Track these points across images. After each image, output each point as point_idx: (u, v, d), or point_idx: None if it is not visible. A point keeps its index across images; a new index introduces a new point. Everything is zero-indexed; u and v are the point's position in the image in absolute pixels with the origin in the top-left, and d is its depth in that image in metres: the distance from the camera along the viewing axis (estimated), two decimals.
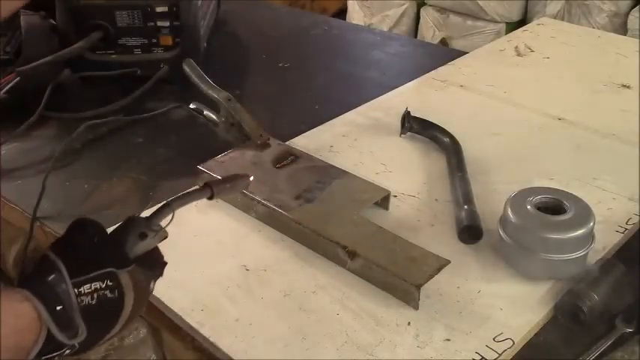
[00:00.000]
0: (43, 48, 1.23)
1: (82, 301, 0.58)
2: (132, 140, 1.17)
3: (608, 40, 1.62)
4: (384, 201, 0.94)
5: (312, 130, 1.16)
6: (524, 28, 1.69)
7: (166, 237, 0.67)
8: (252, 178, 0.75)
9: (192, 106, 1.13)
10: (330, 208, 0.89)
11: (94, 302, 0.59)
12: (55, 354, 0.58)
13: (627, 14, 2.80)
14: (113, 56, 1.31)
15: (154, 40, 1.30)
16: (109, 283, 0.60)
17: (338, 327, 0.75)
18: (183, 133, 1.19)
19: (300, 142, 1.11)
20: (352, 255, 0.82)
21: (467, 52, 1.53)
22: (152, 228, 0.65)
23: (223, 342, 0.73)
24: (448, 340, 0.73)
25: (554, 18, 2.79)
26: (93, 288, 0.59)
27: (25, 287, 0.57)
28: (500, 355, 0.71)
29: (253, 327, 0.75)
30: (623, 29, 2.79)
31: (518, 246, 0.82)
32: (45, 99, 1.21)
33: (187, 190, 0.71)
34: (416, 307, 0.77)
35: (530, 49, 1.50)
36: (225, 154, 1.01)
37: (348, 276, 0.82)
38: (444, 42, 3.21)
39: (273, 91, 1.40)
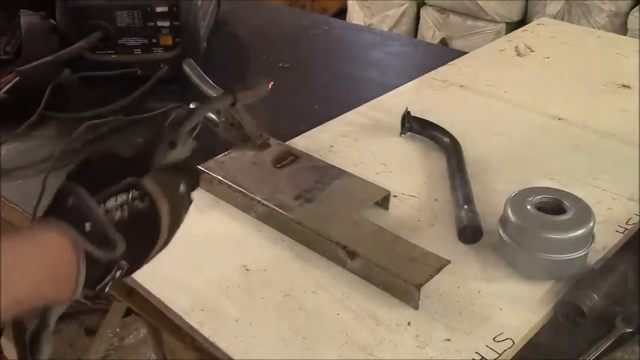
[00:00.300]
0: (43, 48, 1.23)
1: (113, 216, 0.55)
2: (132, 140, 1.17)
3: (608, 40, 1.62)
4: (384, 201, 0.94)
5: (312, 130, 1.16)
6: (524, 28, 1.69)
7: (196, 146, 0.65)
8: (272, 84, 0.74)
9: (192, 106, 1.13)
10: (330, 208, 0.89)
11: (126, 214, 0.56)
12: (107, 279, 0.55)
13: (627, 14, 2.80)
14: (113, 56, 1.31)
15: (154, 40, 1.30)
16: (135, 193, 0.57)
17: (338, 327, 0.75)
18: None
19: (300, 142, 1.11)
20: (352, 255, 0.82)
21: (467, 52, 1.53)
22: (180, 135, 0.63)
23: (223, 342, 0.73)
24: (448, 340, 0.73)
25: (554, 18, 2.79)
26: (119, 201, 0.56)
27: (46, 217, 0.55)
28: (500, 355, 0.71)
29: (253, 327, 0.75)
30: (623, 29, 2.79)
31: (518, 246, 0.82)
32: (45, 99, 1.21)
33: (211, 98, 0.69)
34: (416, 307, 0.77)
35: (530, 49, 1.50)
36: (225, 154, 1.01)
37: (348, 276, 0.82)
38: (444, 42, 3.22)
39: (273, 91, 1.39)
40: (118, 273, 0.57)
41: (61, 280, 0.53)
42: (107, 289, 0.56)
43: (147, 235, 0.59)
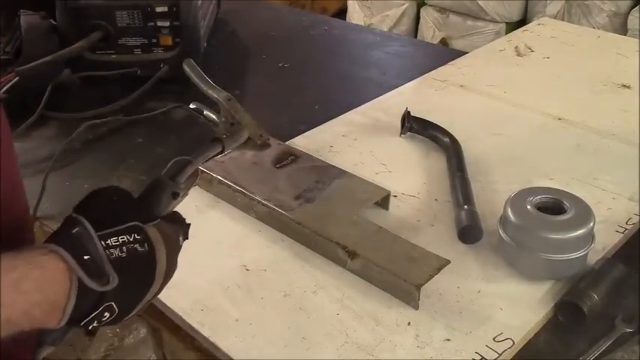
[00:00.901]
0: (43, 48, 1.23)
1: (112, 253, 0.56)
2: (132, 140, 1.17)
3: (608, 40, 1.62)
4: (384, 201, 0.94)
5: (312, 130, 1.16)
6: (524, 28, 1.69)
7: (187, 195, 0.68)
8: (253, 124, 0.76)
9: (192, 106, 1.13)
10: (330, 208, 0.89)
11: (124, 255, 0.57)
12: (93, 316, 0.56)
13: (627, 14, 2.80)
14: (113, 56, 1.31)
15: (154, 40, 1.30)
16: (137, 237, 0.58)
17: (338, 327, 0.75)
18: (183, 133, 1.19)
19: (300, 142, 1.11)
20: (352, 255, 0.82)
21: (467, 52, 1.53)
22: (180, 187, 0.66)
23: (223, 342, 0.73)
24: (448, 340, 0.73)
25: (554, 18, 2.79)
26: (120, 241, 0.57)
27: (51, 241, 0.55)
28: (500, 355, 0.71)
29: (253, 327, 0.75)
30: (623, 29, 2.79)
31: (518, 246, 0.82)
32: (45, 99, 1.21)
33: (201, 147, 0.71)
34: (416, 307, 0.77)
35: (530, 49, 1.50)
36: (225, 154, 1.01)
37: (348, 276, 0.82)
38: (444, 42, 3.21)
39: (273, 91, 1.40)
40: (106, 315, 0.57)
41: (51, 306, 0.53)
42: (91, 328, 0.57)
43: (141, 281, 0.60)
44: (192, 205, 0.96)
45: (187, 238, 0.68)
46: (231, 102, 1.02)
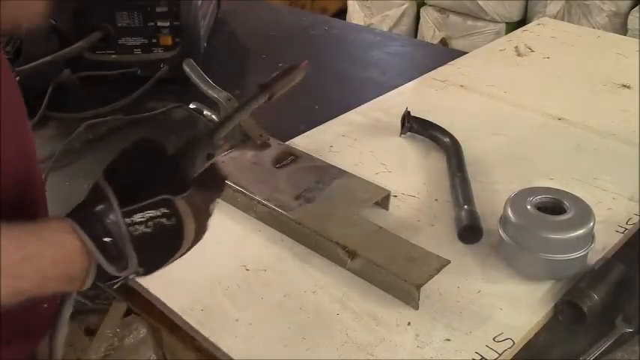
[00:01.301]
0: (43, 48, 1.24)
1: (136, 230, 0.56)
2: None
3: (608, 40, 1.62)
4: (384, 201, 0.94)
5: (312, 130, 1.16)
6: (524, 28, 1.69)
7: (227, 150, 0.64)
8: (305, 63, 0.73)
9: (192, 106, 1.13)
10: (330, 208, 0.89)
11: (149, 230, 0.56)
12: (119, 279, 0.57)
13: (627, 14, 2.80)
14: (113, 56, 1.31)
15: (154, 40, 1.30)
16: (165, 211, 0.57)
17: (338, 327, 0.75)
18: (183, 133, 1.19)
19: (300, 142, 1.11)
20: (352, 255, 0.82)
21: (467, 52, 1.53)
22: (216, 145, 0.63)
23: (223, 342, 0.73)
24: (448, 340, 0.73)
25: (554, 18, 2.79)
26: (147, 217, 0.56)
27: (72, 217, 0.55)
28: (500, 355, 0.71)
29: (253, 327, 0.75)
30: (623, 29, 2.79)
31: (518, 246, 0.82)
32: (45, 99, 1.21)
33: (245, 99, 0.67)
34: (416, 307, 0.77)
35: (530, 49, 1.50)
36: (225, 154, 1.01)
37: (348, 276, 0.82)
38: (444, 42, 3.21)
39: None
40: (131, 277, 0.58)
41: (68, 280, 0.54)
42: (115, 287, 0.58)
43: (166, 251, 0.60)
44: None
45: (221, 193, 0.65)
46: (231, 102, 1.02)
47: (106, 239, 0.54)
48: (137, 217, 0.56)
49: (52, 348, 0.65)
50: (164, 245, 0.59)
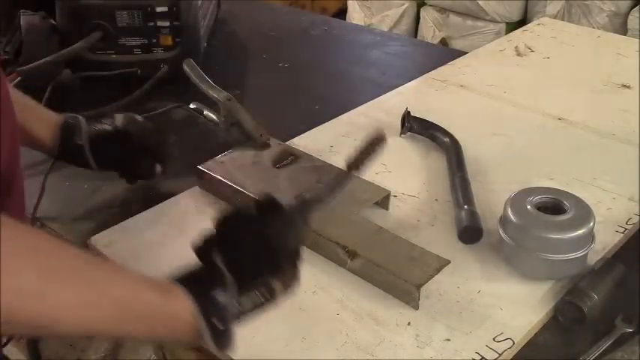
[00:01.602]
0: (43, 48, 1.23)
1: (242, 313, 0.62)
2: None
3: (608, 40, 1.62)
4: (384, 201, 0.94)
5: (312, 130, 1.16)
6: (524, 28, 1.69)
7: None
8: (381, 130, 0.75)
9: (192, 106, 1.13)
10: (330, 208, 0.89)
11: (248, 309, 0.63)
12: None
13: (627, 14, 2.80)
14: (113, 56, 1.31)
15: (154, 40, 1.30)
16: (266, 294, 0.63)
17: (338, 327, 0.75)
18: (183, 133, 1.19)
19: (300, 142, 1.11)
20: (352, 255, 0.82)
21: (467, 52, 1.53)
22: (309, 224, 0.68)
23: None
24: (448, 340, 0.73)
25: (554, 18, 2.79)
26: (250, 299, 0.62)
27: (190, 289, 0.59)
28: (500, 355, 0.71)
29: (253, 327, 0.75)
30: (623, 29, 2.79)
31: (518, 246, 0.82)
32: (45, 99, 1.21)
33: (331, 180, 0.72)
34: (416, 307, 0.77)
35: (530, 49, 1.50)
36: (225, 154, 1.01)
37: (348, 276, 0.82)
38: (444, 42, 3.22)
39: (273, 91, 1.40)
40: None
41: (169, 339, 0.62)
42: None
43: (255, 316, 0.65)
44: (193, 204, 0.96)
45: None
46: (231, 102, 1.02)
47: (217, 324, 0.60)
48: (245, 302, 0.62)
49: None
50: (255, 315, 0.65)
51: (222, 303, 0.60)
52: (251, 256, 0.63)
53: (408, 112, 1.13)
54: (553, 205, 0.84)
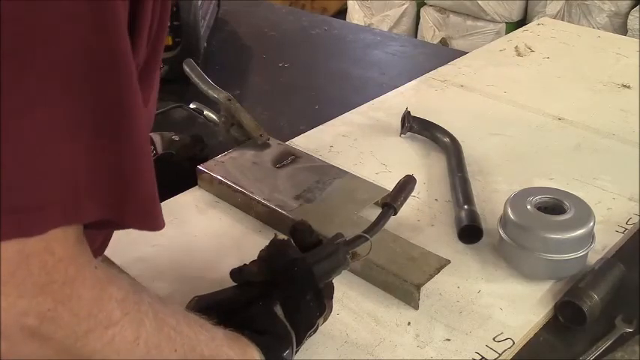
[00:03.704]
0: None
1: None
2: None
3: (608, 40, 1.62)
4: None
5: (312, 130, 1.16)
6: (524, 28, 1.69)
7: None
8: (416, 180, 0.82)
9: (192, 106, 1.13)
10: (330, 208, 0.89)
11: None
12: None
13: (627, 14, 2.80)
14: None
15: None
16: (312, 333, 0.66)
17: (338, 327, 0.75)
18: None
19: (300, 142, 1.11)
20: (352, 255, 0.81)
21: (467, 52, 1.53)
22: (347, 261, 0.69)
23: None
24: (448, 340, 0.73)
25: (554, 18, 2.79)
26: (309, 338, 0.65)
27: (264, 351, 0.60)
28: (500, 355, 0.71)
29: None
30: (623, 29, 2.79)
31: (518, 246, 0.82)
32: None
33: (375, 220, 0.74)
34: (416, 307, 0.77)
35: (530, 49, 1.50)
36: (225, 154, 1.01)
37: (348, 276, 0.82)
38: (444, 42, 3.21)
39: (273, 91, 1.40)
40: None
41: None
42: None
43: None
44: (193, 204, 0.96)
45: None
46: (231, 102, 1.02)
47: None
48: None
49: None
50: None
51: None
52: (307, 306, 0.64)
53: (408, 112, 1.13)
54: (553, 205, 0.84)
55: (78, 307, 0.43)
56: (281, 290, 0.64)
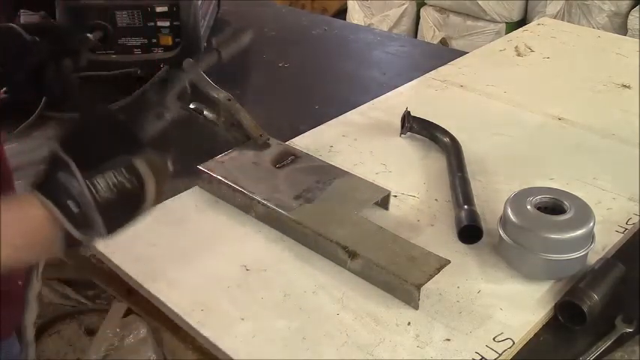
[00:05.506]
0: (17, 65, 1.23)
1: (99, 193, 0.57)
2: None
3: (608, 40, 1.62)
4: (384, 201, 0.94)
5: (312, 130, 1.16)
6: (524, 28, 1.69)
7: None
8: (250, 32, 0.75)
9: (192, 106, 1.12)
10: (330, 208, 0.89)
11: (113, 196, 0.58)
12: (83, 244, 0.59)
13: (627, 14, 2.80)
14: (113, 56, 1.31)
15: (154, 40, 1.30)
16: (126, 175, 0.59)
17: (338, 327, 0.75)
18: (183, 133, 1.18)
19: (300, 142, 1.11)
20: (352, 255, 0.82)
21: (467, 52, 1.53)
22: (167, 105, 0.64)
23: (223, 342, 0.73)
24: (448, 340, 0.73)
25: (554, 18, 2.79)
26: (109, 181, 0.58)
27: (36, 188, 0.57)
28: (500, 355, 0.71)
29: (253, 327, 0.75)
30: (623, 29, 2.79)
31: (518, 246, 0.82)
32: (44, 99, 1.21)
33: (195, 61, 0.70)
34: (416, 307, 0.77)
35: (530, 49, 1.50)
36: (225, 154, 1.01)
37: (348, 276, 0.82)
38: (444, 42, 3.21)
39: (273, 91, 1.40)
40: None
41: (37, 248, 0.57)
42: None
43: (128, 213, 0.61)
44: (192, 204, 0.96)
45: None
46: (231, 102, 1.02)
47: (72, 206, 0.56)
48: (100, 182, 0.57)
49: (23, 328, 0.67)
50: (127, 206, 0.60)
51: (70, 185, 0.56)
52: (95, 139, 0.60)
53: (408, 112, 1.13)
54: (553, 205, 0.84)
55: None
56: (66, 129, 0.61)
